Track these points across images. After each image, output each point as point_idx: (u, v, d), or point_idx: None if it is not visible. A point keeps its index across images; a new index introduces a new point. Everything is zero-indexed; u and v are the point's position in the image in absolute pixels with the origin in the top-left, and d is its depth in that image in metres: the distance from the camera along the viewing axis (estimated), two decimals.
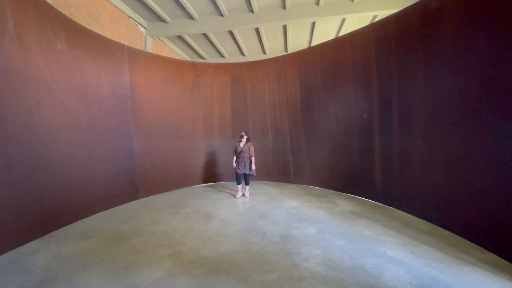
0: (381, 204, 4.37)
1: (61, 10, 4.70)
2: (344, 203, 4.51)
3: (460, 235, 3.08)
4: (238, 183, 5.03)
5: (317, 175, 5.78)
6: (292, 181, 6.20)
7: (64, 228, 3.42)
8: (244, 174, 4.93)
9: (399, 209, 4.06)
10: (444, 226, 3.29)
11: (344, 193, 5.15)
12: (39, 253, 2.71)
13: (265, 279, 2.25)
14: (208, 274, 2.31)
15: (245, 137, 4.92)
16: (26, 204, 2.95)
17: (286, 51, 11.25)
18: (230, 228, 3.38)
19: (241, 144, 4.90)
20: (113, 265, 2.48)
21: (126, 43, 7.67)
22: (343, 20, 8.52)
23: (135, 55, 5.04)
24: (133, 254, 2.69)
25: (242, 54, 11.61)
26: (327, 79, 5.34)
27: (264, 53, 11.51)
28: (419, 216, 3.70)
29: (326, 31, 9.51)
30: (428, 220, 3.55)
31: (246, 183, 5.05)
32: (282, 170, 6.35)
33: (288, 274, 2.33)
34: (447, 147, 3.20)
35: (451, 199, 3.18)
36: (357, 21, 8.44)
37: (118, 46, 4.73)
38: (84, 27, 4.10)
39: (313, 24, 8.91)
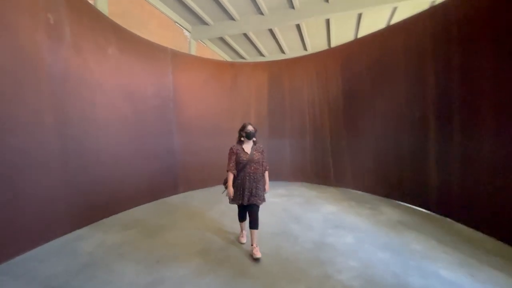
0: (435, 214, 3.80)
1: (116, 19, 5.17)
2: (390, 211, 4.04)
3: None
4: (242, 218, 2.92)
5: (359, 179, 5.32)
6: (332, 184, 5.83)
7: (110, 217, 3.75)
8: (252, 205, 2.68)
9: (457, 221, 3.47)
10: None
11: (391, 200, 4.63)
12: (86, 240, 3.00)
13: None
14: (233, 276, 2.26)
15: (252, 131, 2.74)
16: (78, 194, 3.30)
17: (330, 46, 10.70)
18: (261, 230, 3.25)
19: (246, 148, 2.74)
20: (147, 257, 2.61)
21: (172, 47, 8.15)
22: (395, 9, 7.73)
23: (177, 58, 5.30)
24: (166, 248, 2.80)
25: (282, 51, 11.42)
26: (374, 73, 4.86)
27: (306, 49, 11.13)
28: (483, 232, 3.10)
29: (375, 22, 8.72)
30: (495, 238, 2.94)
31: (254, 226, 2.68)
32: (321, 172, 6.02)
33: (318, 285, 2.14)
34: None
35: None
36: (411, 8, 7.55)
37: (162, 49, 5.03)
38: (132, 33, 4.44)
39: (359, 15, 8.27)
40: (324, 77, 5.83)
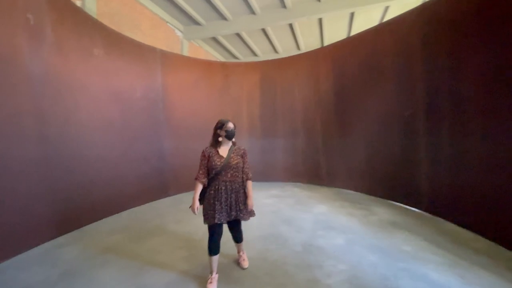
0: (427, 214, 3.78)
1: (105, 20, 5.08)
2: (382, 211, 4.01)
3: None
4: (214, 249, 2.14)
5: (352, 178, 5.29)
6: (325, 184, 5.79)
7: (95, 223, 3.65)
8: (232, 222, 2.22)
9: (448, 220, 3.44)
10: (509, 247, 2.67)
11: (383, 200, 4.59)
12: (67, 246, 2.91)
13: None
14: (219, 282, 2.19)
15: (233, 130, 2.25)
16: (61, 200, 3.20)
17: (323, 45, 10.68)
18: (249, 233, 3.20)
19: (222, 151, 2.22)
20: (131, 264, 2.53)
21: (164, 48, 8.06)
22: (387, 8, 7.73)
23: (167, 58, 5.22)
24: (151, 254, 2.72)
25: (276, 51, 11.38)
26: (364, 72, 4.83)
27: (299, 49, 11.11)
28: (474, 231, 3.08)
29: (367, 21, 8.72)
30: (485, 237, 2.92)
31: (239, 239, 2.39)
32: (313, 172, 5.97)
33: None
34: None
35: None
36: (403, 7, 7.55)
37: (151, 50, 4.95)
38: (119, 33, 4.35)
39: (352, 14, 8.26)
40: (316, 77, 5.80)
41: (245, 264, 2.44)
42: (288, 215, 3.88)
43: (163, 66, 5.11)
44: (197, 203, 2.12)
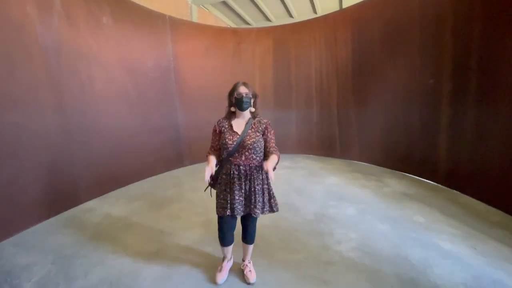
0: (443, 186, 3.71)
1: None
2: (396, 182, 3.98)
3: None
4: (226, 239, 1.85)
5: (366, 150, 5.20)
6: (338, 156, 5.74)
7: (117, 190, 3.87)
8: (247, 217, 1.81)
9: (465, 193, 3.38)
10: None
11: (398, 172, 4.53)
12: (94, 211, 3.13)
13: (290, 258, 2.16)
14: (234, 245, 2.31)
15: (246, 97, 1.68)
16: (84, 168, 3.38)
17: (342, 8, 9.87)
18: None
19: (237, 125, 1.74)
20: (151, 228, 2.71)
21: (173, 14, 7.73)
22: None
23: (176, 25, 5.02)
24: (170, 219, 2.89)
25: (290, 15, 10.66)
26: (387, 38, 4.46)
27: (315, 12, 10.34)
28: (490, 204, 3.02)
29: None
30: (503, 210, 2.86)
31: (250, 240, 1.93)
32: (327, 144, 5.90)
33: (316, 256, 2.17)
34: None
35: None
36: None
37: (160, 17, 4.76)
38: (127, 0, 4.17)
39: None
40: (334, 43, 5.44)
41: (252, 277, 1.85)
42: (300, 186, 3.94)
43: (173, 34, 4.94)
44: (208, 171, 1.55)
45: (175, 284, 1.88)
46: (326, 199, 3.40)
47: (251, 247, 1.97)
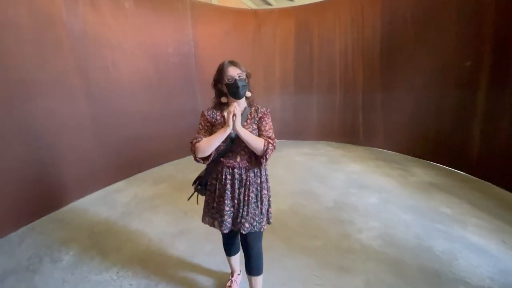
0: (474, 177, 3.50)
1: None
2: (422, 172, 3.81)
3: None
4: (229, 250, 1.61)
5: (391, 137, 4.99)
6: (360, 143, 5.56)
7: (143, 172, 4.07)
8: (245, 233, 1.31)
9: (499, 186, 3.17)
10: None
11: (424, 160, 4.32)
12: (122, 192, 3.33)
13: (310, 244, 2.17)
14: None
15: (239, 80, 1.24)
16: (112, 151, 3.56)
17: None
18: (282, 187, 3.32)
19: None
20: (175, 209, 2.84)
21: None
22: None
23: (196, 8, 4.95)
24: (193, 201, 2.99)
25: None
26: (419, 17, 4.12)
27: None
28: None
29: None
30: None
31: (254, 272, 1.40)
32: (349, 130, 5.72)
33: (336, 243, 2.18)
34: None
35: None
36: None
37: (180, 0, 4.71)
38: None
39: None
40: (361, 23, 5.11)
41: None
42: (320, 173, 3.90)
43: (193, 18, 4.89)
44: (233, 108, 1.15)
45: (199, 262, 1.98)
46: (346, 187, 3.35)
47: (257, 279, 1.43)
